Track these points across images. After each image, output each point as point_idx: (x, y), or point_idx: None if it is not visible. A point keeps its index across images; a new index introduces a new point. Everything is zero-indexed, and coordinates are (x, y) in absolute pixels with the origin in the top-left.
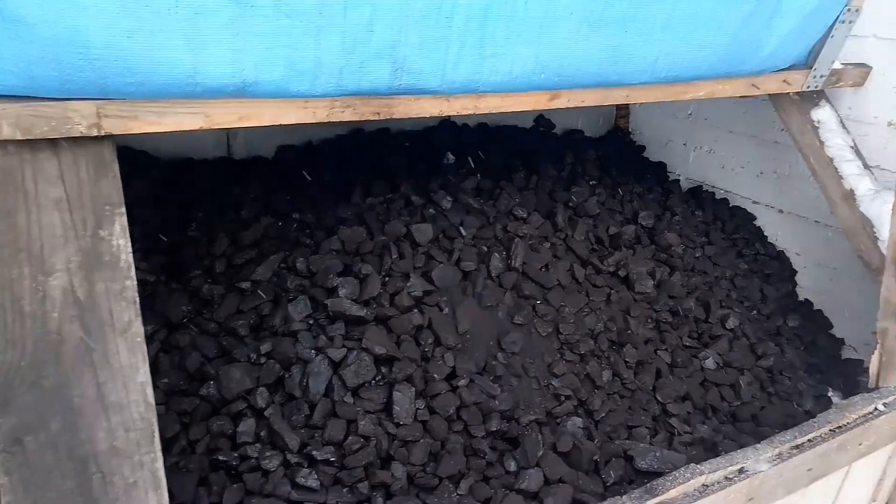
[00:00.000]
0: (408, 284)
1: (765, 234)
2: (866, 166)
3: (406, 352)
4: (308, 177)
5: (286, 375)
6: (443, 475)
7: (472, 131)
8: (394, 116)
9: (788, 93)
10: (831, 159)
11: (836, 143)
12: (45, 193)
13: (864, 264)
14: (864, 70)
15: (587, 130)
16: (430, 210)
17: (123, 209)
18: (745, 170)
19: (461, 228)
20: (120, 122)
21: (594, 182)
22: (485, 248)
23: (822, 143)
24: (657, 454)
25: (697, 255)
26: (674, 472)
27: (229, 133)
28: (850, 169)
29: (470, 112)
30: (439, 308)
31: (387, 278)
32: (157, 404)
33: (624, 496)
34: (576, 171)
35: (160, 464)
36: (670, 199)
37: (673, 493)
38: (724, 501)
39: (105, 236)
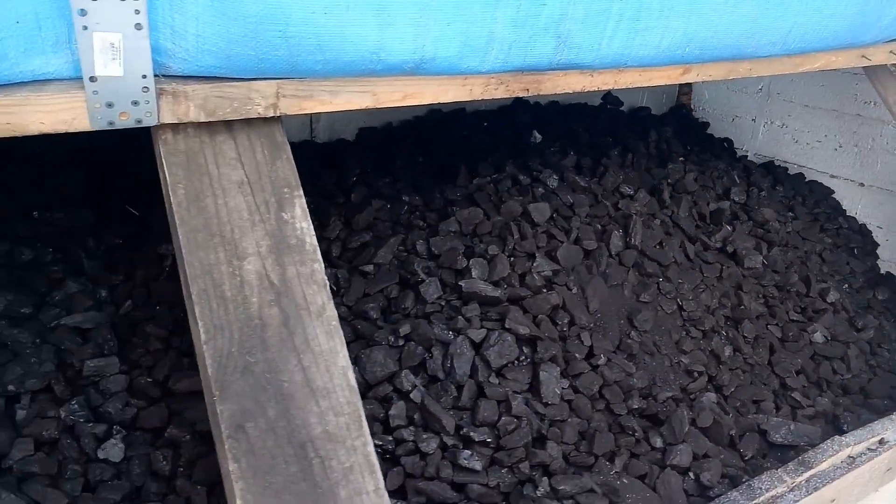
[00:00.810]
0: (534, 264)
1: (843, 207)
2: None
3: (545, 332)
4: (419, 158)
5: (428, 357)
6: (598, 453)
7: (545, 109)
8: (540, 93)
9: (886, 64)
10: None
11: None
12: (228, 176)
13: None
14: None
15: (652, 108)
16: (539, 189)
17: (301, 191)
18: (822, 144)
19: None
20: (295, 103)
21: (682, 159)
22: (599, 227)
23: None
24: (791, 427)
25: (788, 230)
26: (821, 445)
27: (312, 117)
28: None
29: (609, 87)
30: (567, 288)
31: (512, 259)
32: None
33: (780, 469)
34: (661, 148)
35: (371, 448)
36: (752, 176)
37: (824, 465)
38: (868, 472)
39: (288, 219)
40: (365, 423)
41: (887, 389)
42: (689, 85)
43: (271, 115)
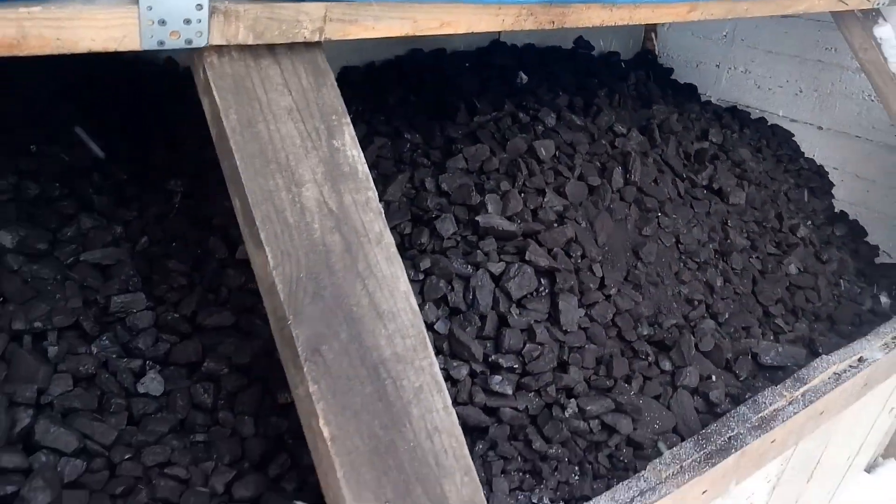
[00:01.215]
0: (545, 200)
1: (802, 150)
2: None
3: (561, 264)
4: (411, 97)
5: (449, 291)
6: (616, 376)
7: (522, 51)
8: (564, 25)
9: (853, 10)
10: (894, 75)
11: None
12: (276, 102)
13: None
14: None
15: (620, 53)
16: (539, 127)
17: (348, 118)
18: (783, 89)
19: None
20: (340, 27)
21: (661, 102)
22: (599, 164)
23: (885, 59)
24: (778, 350)
25: (760, 170)
26: (812, 364)
27: None
28: None
29: (625, 22)
30: (577, 222)
31: (522, 195)
32: None
33: (779, 385)
34: (640, 90)
35: (437, 368)
36: (723, 119)
37: (815, 381)
38: (850, 387)
39: (339, 147)
40: (429, 345)
41: (850, 316)
42: (654, 31)
43: (316, 39)
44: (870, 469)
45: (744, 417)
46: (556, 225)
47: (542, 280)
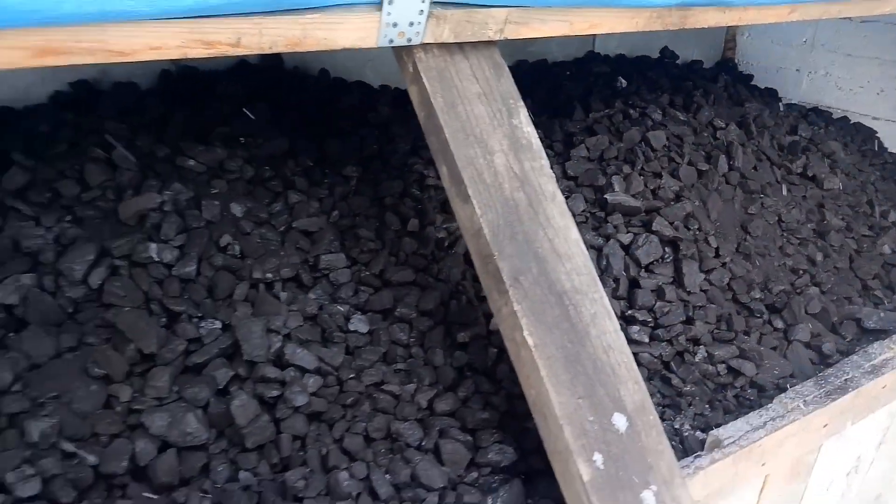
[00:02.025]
0: (662, 181)
1: (885, 145)
2: None
3: (682, 234)
4: (528, 99)
5: None
6: (737, 330)
7: (616, 61)
8: (684, 26)
9: None
10: None
11: None
12: (468, 89)
13: None
14: None
15: (703, 60)
16: (648, 121)
17: (522, 102)
18: (864, 89)
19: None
20: (515, 28)
21: (750, 101)
22: (704, 153)
23: None
24: (881, 315)
25: (849, 160)
26: None
27: None
28: None
29: (734, 23)
30: (691, 201)
31: (641, 177)
32: None
33: (885, 340)
34: (730, 92)
35: (607, 301)
36: (808, 117)
37: None
38: None
39: (517, 124)
40: (599, 282)
41: None
42: (734, 40)
43: (496, 38)
44: None
45: (857, 364)
46: (673, 202)
47: (666, 248)
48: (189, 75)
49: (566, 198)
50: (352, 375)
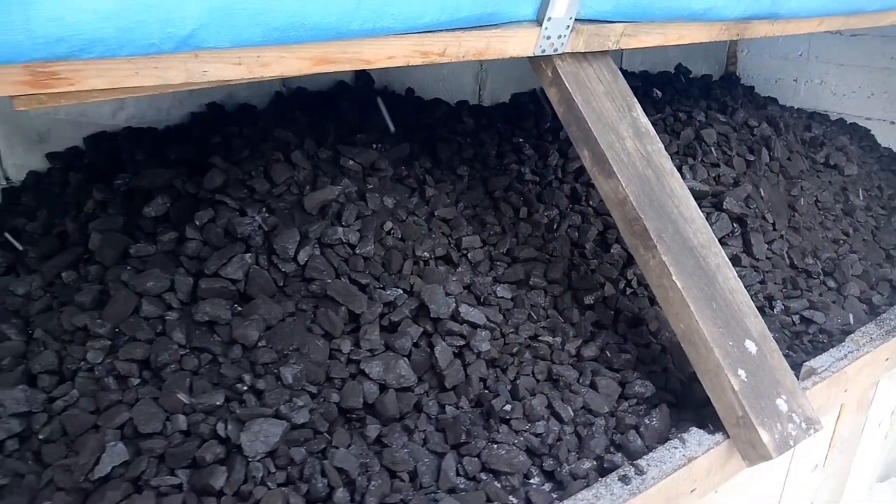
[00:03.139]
0: (720, 170)
1: (878, 141)
2: None
3: (747, 212)
4: None
5: None
6: (801, 288)
7: (642, 75)
8: (742, 37)
9: None
10: None
11: None
12: (596, 88)
13: None
14: None
15: (712, 74)
16: (696, 122)
17: (636, 99)
18: (856, 94)
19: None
20: (626, 40)
21: (765, 106)
22: (747, 147)
23: None
24: None
25: (857, 152)
26: None
27: (481, 84)
28: None
29: (777, 34)
30: (746, 185)
31: (703, 167)
32: None
33: None
34: (748, 98)
35: (724, 255)
36: (813, 119)
37: None
38: None
39: (636, 116)
40: (716, 239)
41: None
42: (735, 56)
43: (613, 48)
44: None
45: None
46: (733, 187)
47: (735, 224)
48: (299, 95)
49: None
50: (511, 330)
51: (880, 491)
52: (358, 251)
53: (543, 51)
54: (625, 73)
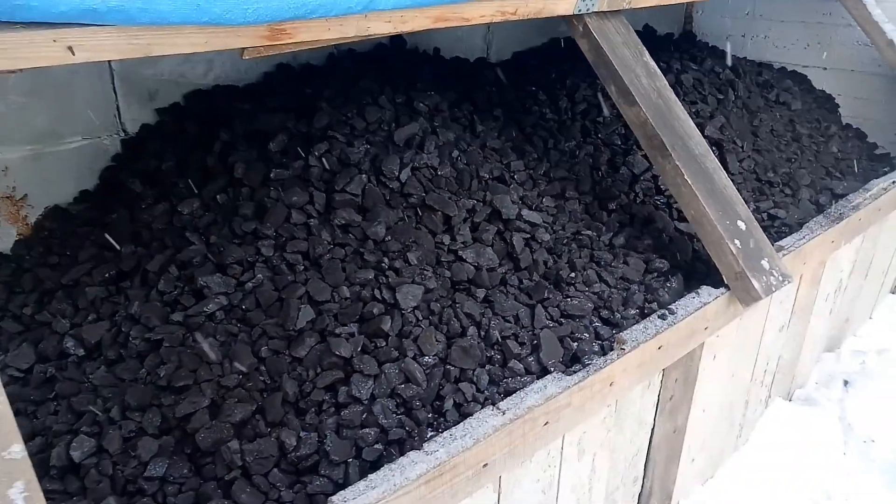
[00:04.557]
0: (699, 106)
1: (814, 85)
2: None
3: (723, 137)
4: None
5: None
6: (767, 194)
7: None
8: None
9: None
10: (876, 22)
11: (876, 13)
12: (616, 40)
13: None
14: None
15: (673, 33)
16: (674, 70)
17: (644, 48)
18: (795, 46)
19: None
20: (637, 0)
21: (724, 57)
22: (717, 88)
23: (869, 13)
24: (843, 185)
25: (799, 93)
26: (867, 185)
27: (488, 44)
28: (887, 27)
29: None
30: (720, 117)
31: (684, 103)
32: None
33: (849, 196)
34: (707, 53)
35: (717, 162)
36: (762, 66)
37: (874, 190)
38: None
39: (646, 60)
40: (710, 150)
41: (875, 175)
42: (691, 16)
43: (626, 7)
44: (893, 290)
45: (843, 206)
46: (710, 118)
47: (713, 147)
48: (346, 55)
49: None
50: (560, 228)
51: (825, 360)
52: (439, 172)
53: (580, 10)
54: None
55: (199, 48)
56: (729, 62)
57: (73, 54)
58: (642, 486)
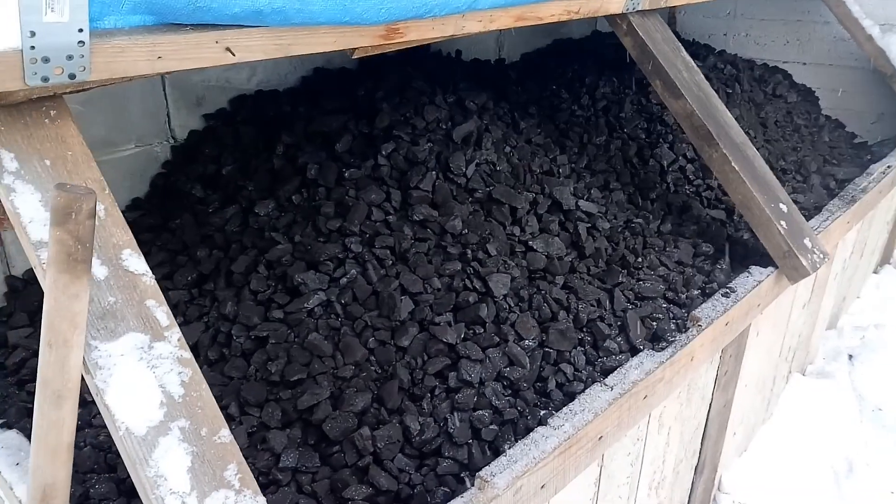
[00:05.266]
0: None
1: (794, 80)
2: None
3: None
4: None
5: None
6: (782, 182)
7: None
8: None
9: None
10: (856, 19)
11: (855, 10)
12: (655, 35)
13: (882, 75)
14: None
15: None
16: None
17: (680, 44)
18: (775, 42)
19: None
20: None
21: (718, 55)
22: (722, 83)
23: (849, 9)
24: (844, 171)
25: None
26: (867, 170)
27: (500, 46)
28: (866, 23)
29: None
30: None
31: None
32: None
33: (856, 180)
34: (711, 50)
35: (753, 149)
36: (749, 62)
37: (875, 174)
38: (889, 181)
39: (683, 55)
40: (748, 139)
41: (863, 163)
42: (675, 17)
43: (664, 6)
44: (876, 270)
45: (853, 188)
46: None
47: None
48: (379, 59)
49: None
50: (612, 217)
51: (828, 336)
52: (498, 167)
53: (627, 9)
54: (599, 34)
55: (329, 47)
56: (727, 58)
57: (233, 55)
58: (698, 459)
